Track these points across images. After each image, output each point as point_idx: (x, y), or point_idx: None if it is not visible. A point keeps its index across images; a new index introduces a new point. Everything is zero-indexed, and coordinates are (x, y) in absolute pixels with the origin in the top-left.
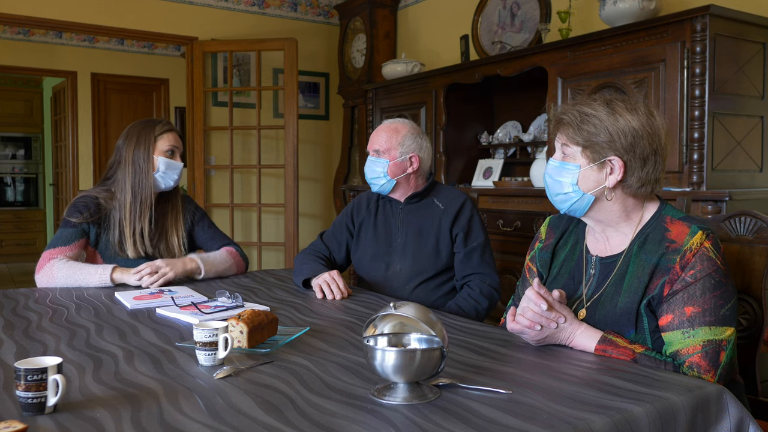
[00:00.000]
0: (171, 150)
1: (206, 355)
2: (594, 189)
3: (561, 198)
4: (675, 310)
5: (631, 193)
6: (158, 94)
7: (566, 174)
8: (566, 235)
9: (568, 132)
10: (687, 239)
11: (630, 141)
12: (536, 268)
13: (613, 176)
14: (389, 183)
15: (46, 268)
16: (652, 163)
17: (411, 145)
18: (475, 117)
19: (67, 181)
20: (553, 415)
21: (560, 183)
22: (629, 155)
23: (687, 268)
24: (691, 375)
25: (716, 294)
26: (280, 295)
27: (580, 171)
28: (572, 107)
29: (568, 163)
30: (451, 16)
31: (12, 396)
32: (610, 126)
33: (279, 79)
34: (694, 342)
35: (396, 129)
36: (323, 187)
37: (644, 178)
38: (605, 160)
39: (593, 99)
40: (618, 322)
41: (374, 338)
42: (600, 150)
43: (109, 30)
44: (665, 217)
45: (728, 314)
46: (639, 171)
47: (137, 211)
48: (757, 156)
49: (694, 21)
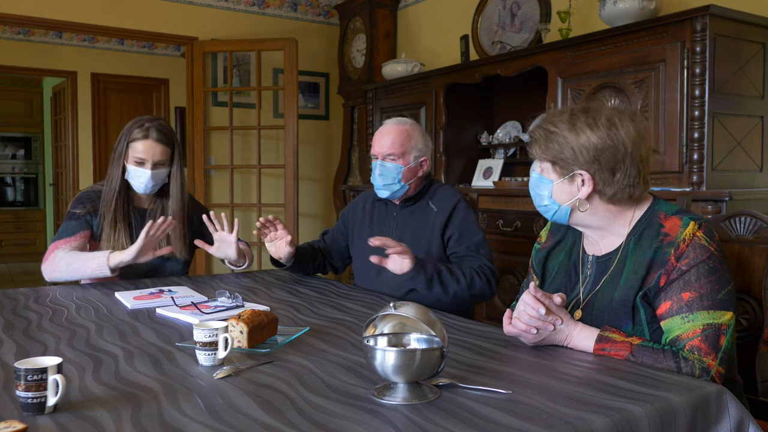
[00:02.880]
0: (139, 160)
1: (206, 355)
2: (568, 201)
3: (543, 209)
4: (672, 297)
5: (611, 200)
6: (158, 94)
7: (543, 187)
8: (565, 239)
9: (537, 149)
10: (680, 231)
11: (592, 155)
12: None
13: (584, 188)
14: (402, 188)
15: (50, 258)
16: (622, 171)
17: (422, 148)
18: (475, 117)
19: (67, 181)
20: (553, 415)
21: (540, 195)
22: (594, 167)
23: (682, 258)
24: (692, 358)
25: (711, 279)
26: (280, 295)
27: (553, 185)
28: (540, 125)
29: (544, 177)
30: (451, 16)
31: (12, 396)
32: (572, 142)
33: (279, 79)
34: (694, 326)
35: (407, 132)
36: (323, 187)
37: (617, 186)
38: (574, 174)
39: (561, 113)
40: (615, 315)
41: (374, 338)
42: (566, 165)
43: (109, 30)
44: (659, 212)
45: (726, 299)
46: (609, 180)
47: (109, 212)
48: (757, 156)
49: (694, 21)
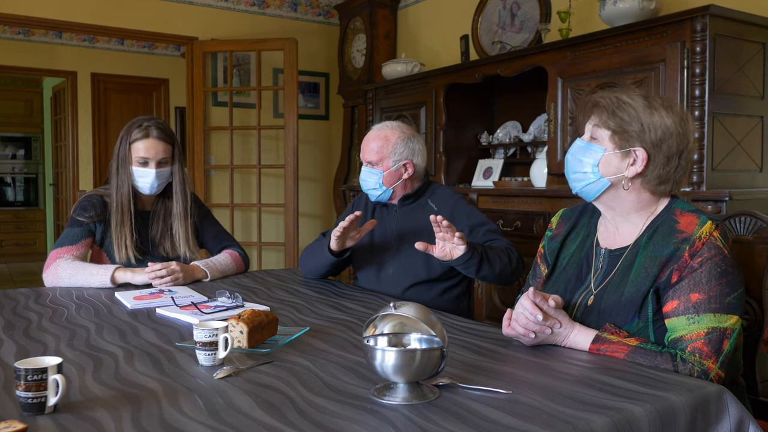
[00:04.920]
0: (142, 160)
1: (206, 355)
2: (612, 175)
3: (578, 176)
4: (681, 296)
5: (648, 188)
6: (158, 94)
7: (590, 154)
8: (578, 228)
9: (602, 115)
10: (697, 229)
11: (659, 136)
12: (544, 257)
13: (634, 167)
14: (386, 192)
15: (52, 267)
16: (675, 163)
17: (403, 152)
18: (475, 117)
19: (67, 181)
20: (553, 415)
21: (581, 162)
22: (655, 150)
23: (696, 255)
24: (692, 360)
25: (722, 282)
26: (280, 295)
27: (603, 154)
28: (611, 93)
29: (594, 144)
30: (451, 16)
31: (12, 396)
32: (643, 118)
33: (279, 79)
34: (699, 328)
35: (386, 137)
36: (323, 187)
37: (664, 176)
38: (630, 150)
39: (633, 90)
40: (623, 310)
41: (374, 338)
42: (628, 138)
43: (109, 30)
44: (675, 209)
45: (734, 303)
46: (660, 168)
47: (119, 219)
48: (757, 156)
49: (694, 21)
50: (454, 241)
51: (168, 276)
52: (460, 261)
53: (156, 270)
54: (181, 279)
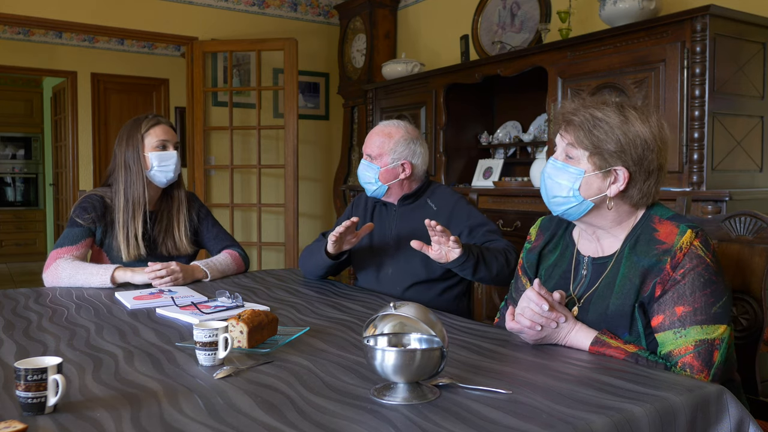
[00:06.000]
0: (161, 144)
1: (206, 355)
2: (594, 196)
3: (558, 200)
4: (666, 311)
5: (630, 203)
6: (158, 94)
7: (568, 177)
8: (555, 239)
9: (577, 134)
10: (677, 239)
11: (640, 153)
12: (524, 270)
13: (615, 186)
14: (381, 188)
15: (52, 268)
16: (655, 177)
17: (403, 152)
18: (475, 117)
19: (67, 181)
20: (553, 415)
21: (560, 185)
22: (636, 167)
23: (678, 267)
24: (684, 375)
25: (707, 292)
26: (280, 295)
27: (583, 177)
28: (584, 109)
29: (572, 166)
30: (451, 16)
31: (12, 396)
32: (621, 135)
33: (279, 79)
34: (686, 342)
35: (389, 134)
36: (323, 187)
37: (645, 191)
38: (611, 169)
39: (603, 102)
40: (611, 323)
41: (374, 338)
42: (608, 158)
43: (109, 30)
44: (653, 216)
45: (720, 312)
46: (642, 183)
47: (130, 214)
48: (757, 156)
49: (694, 21)
50: (450, 244)
51: (168, 276)
52: (455, 264)
53: (156, 270)
54: (181, 279)
